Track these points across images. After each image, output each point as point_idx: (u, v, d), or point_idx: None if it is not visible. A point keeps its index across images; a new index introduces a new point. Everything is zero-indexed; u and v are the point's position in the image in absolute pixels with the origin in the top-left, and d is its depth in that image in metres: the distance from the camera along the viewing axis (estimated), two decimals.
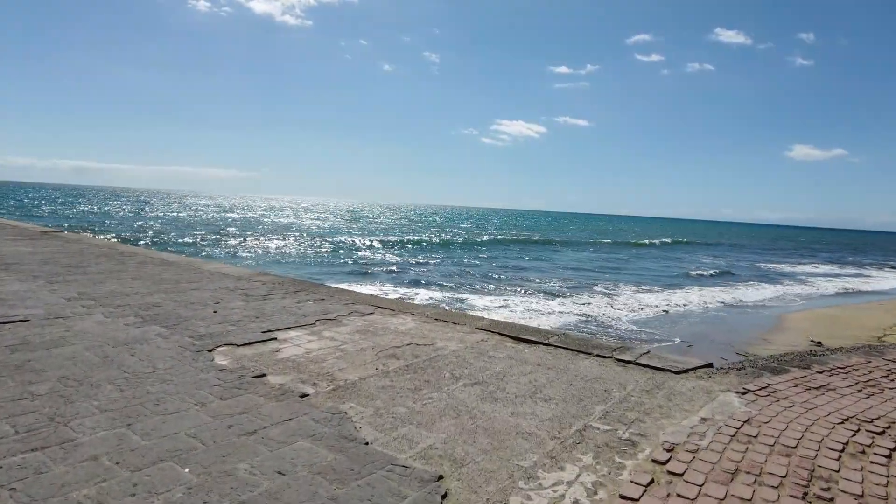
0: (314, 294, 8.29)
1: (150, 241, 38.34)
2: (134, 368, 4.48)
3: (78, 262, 10.23)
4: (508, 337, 6.29)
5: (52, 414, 3.51)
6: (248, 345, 5.39)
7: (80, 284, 7.96)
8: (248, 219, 78.66)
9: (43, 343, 5.02)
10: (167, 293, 7.67)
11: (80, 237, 14.93)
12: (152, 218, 67.33)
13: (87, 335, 5.38)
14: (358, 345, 5.61)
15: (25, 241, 13.33)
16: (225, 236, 45.97)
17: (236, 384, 4.26)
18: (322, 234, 56.33)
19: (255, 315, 6.64)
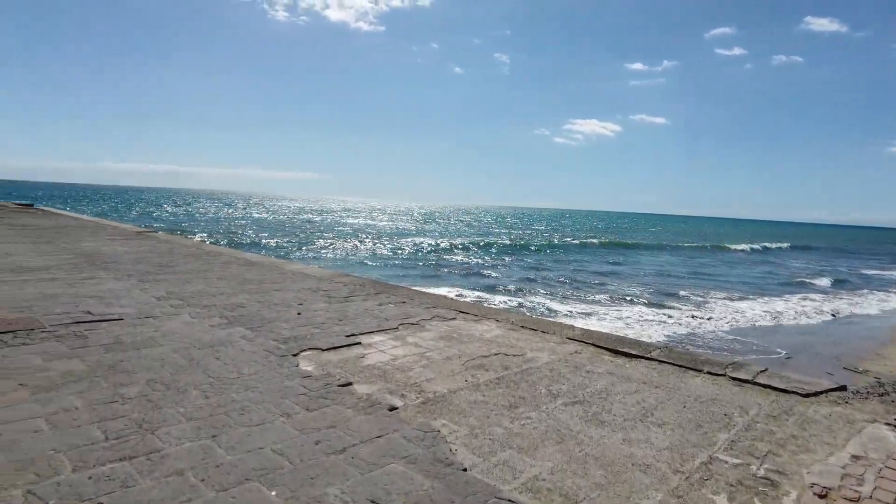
0: (394, 296, 8.08)
1: (234, 241, 40.07)
2: (219, 373, 4.36)
3: (168, 261, 10.57)
4: (604, 349, 5.79)
5: (140, 420, 3.40)
6: (332, 349, 5.20)
7: (169, 284, 8.14)
8: (323, 220, 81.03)
9: (133, 343, 5.03)
10: (251, 294, 7.69)
11: (170, 238, 15.60)
12: (235, 219, 70.56)
13: (175, 336, 5.36)
14: (443, 353, 5.30)
15: (122, 240, 14.02)
16: (303, 237, 47.42)
17: (322, 393, 4.04)
18: (395, 235, 57.06)
19: (338, 318, 6.49)
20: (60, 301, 6.64)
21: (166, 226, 53.12)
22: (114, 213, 72.06)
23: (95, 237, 14.60)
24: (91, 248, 11.95)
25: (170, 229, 45.40)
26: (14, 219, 20.05)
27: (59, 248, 11.90)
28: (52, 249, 11.57)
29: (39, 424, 3.29)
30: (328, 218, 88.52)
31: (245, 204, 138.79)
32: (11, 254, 10.65)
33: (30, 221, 18.92)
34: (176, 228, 49.05)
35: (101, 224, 19.39)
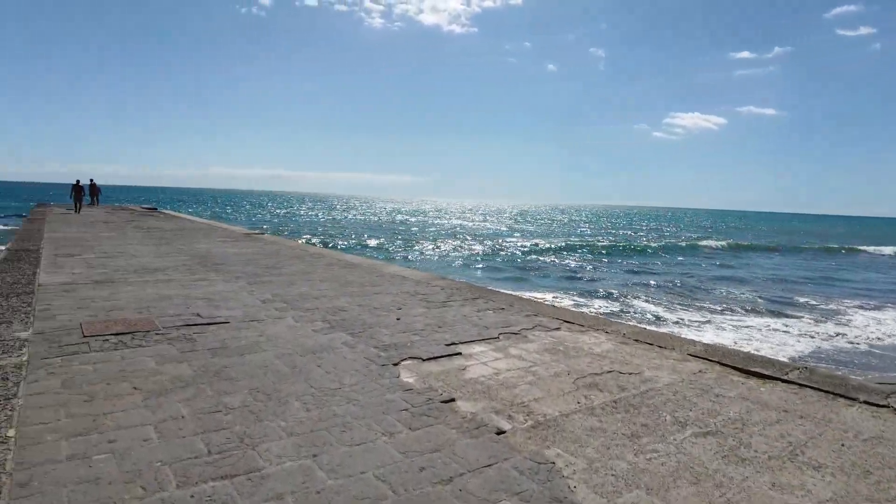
0: (492, 302, 7.77)
1: (335, 242, 41.56)
2: (320, 383, 4.25)
3: (274, 263, 10.91)
4: (733, 368, 5.13)
5: (241, 433, 3.31)
6: (433, 359, 4.97)
7: (275, 286, 8.32)
8: (418, 221, 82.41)
9: (238, 348, 5.07)
10: (352, 297, 7.67)
11: (276, 239, 16.26)
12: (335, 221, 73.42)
13: (278, 341, 5.36)
14: (550, 368, 4.91)
15: (232, 242, 14.76)
16: (399, 238, 48.37)
17: (425, 410, 3.80)
18: (488, 235, 56.84)
19: (437, 324, 6.27)
20: (174, 302, 6.92)
21: (272, 227, 56.16)
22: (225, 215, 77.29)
23: (208, 239, 15.49)
24: (204, 250, 12.64)
25: (276, 231, 47.94)
26: (140, 221, 21.86)
27: (176, 249, 12.68)
28: (170, 251, 12.34)
29: (149, 432, 3.28)
30: (422, 219, 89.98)
31: (345, 206, 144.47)
32: (137, 255, 11.44)
33: (153, 224, 20.53)
34: (282, 230, 51.73)
35: (214, 226, 20.65)
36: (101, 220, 21.69)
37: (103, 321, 5.80)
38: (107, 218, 23.54)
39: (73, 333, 5.32)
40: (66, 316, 6.03)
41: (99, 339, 5.14)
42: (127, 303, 6.81)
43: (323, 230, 54.77)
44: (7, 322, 5.67)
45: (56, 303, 6.67)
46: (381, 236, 49.43)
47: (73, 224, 19.45)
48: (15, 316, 5.94)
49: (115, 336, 5.26)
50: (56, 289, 7.54)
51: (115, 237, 15.21)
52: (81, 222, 20.60)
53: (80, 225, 19.19)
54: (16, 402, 3.65)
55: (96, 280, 8.30)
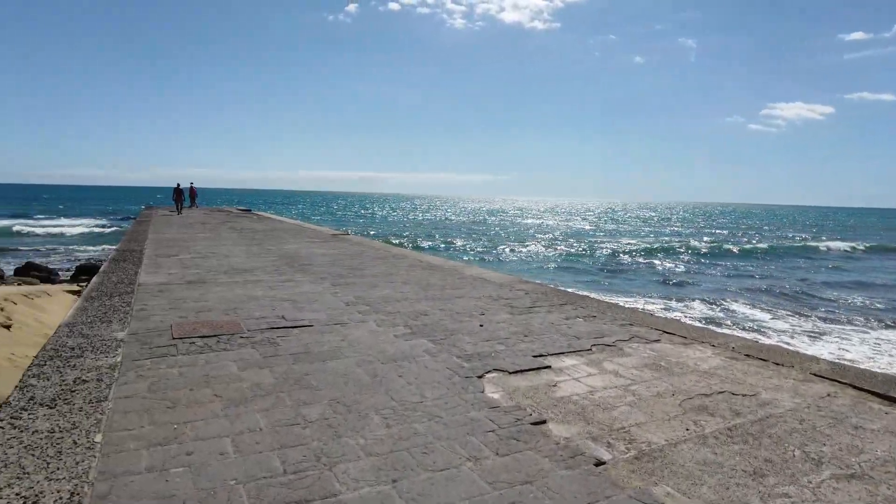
0: (581, 308, 7.29)
1: (417, 243, 41.95)
2: (401, 395, 4.02)
3: (358, 264, 10.94)
4: (871, 393, 4.42)
5: (319, 451, 3.13)
6: (519, 373, 4.62)
7: (358, 288, 8.26)
8: (501, 221, 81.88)
9: (321, 354, 4.95)
10: (434, 300, 7.46)
11: (360, 240, 16.46)
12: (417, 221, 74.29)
13: (360, 346, 5.21)
14: (652, 386, 4.42)
15: (319, 243, 15.06)
16: (482, 239, 48.13)
17: (513, 432, 3.46)
18: (572, 235, 55.44)
19: (523, 332, 5.90)
20: (260, 303, 6.99)
21: (357, 228, 57.64)
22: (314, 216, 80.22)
23: (297, 239, 15.90)
24: (292, 251, 12.93)
25: (361, 231, 49.11)
26: (235, 222, 22.93)
27: (266, 249, 13.06)
28: (260, 251, 12.72)
29: (226, 445, 3.17)
30: (503, 219, 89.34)
31: (427, 206, 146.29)
32: (229, 255, 11.86)
33: (247, 225, 21.45)
34: (366, 231, 52.95)
35: (303, 227, 21.29)
36: (198, 222, 22.96)
37: (192, 323, 5.91)
38: (204, 219, 24.91)
39: (164, 335, 5.43)
40: (159, 317, 6.21)
41: (186, 342, 5.20)
42: (216, 303, 6.95)
43: (405, 230, 55.56)
44: (107, 322, 5.90)
45: (151, 303, 6.92)
46: (462, 237, 49.41)
47: (173, 225, 20.69)
48: (115, 315, 6.18)
49: (202, 339, 5.31)
50: (153, 289, 7.85)
51: (210, 238, 15.96)
52: (181, 223, 21.89)
53: (179, 226, 20.37)
54: (106, 405, 3.67)
55: (189, 280, 8.60)
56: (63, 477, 2.78)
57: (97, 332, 5.45)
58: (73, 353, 4.73)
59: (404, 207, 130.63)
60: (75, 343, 5.06)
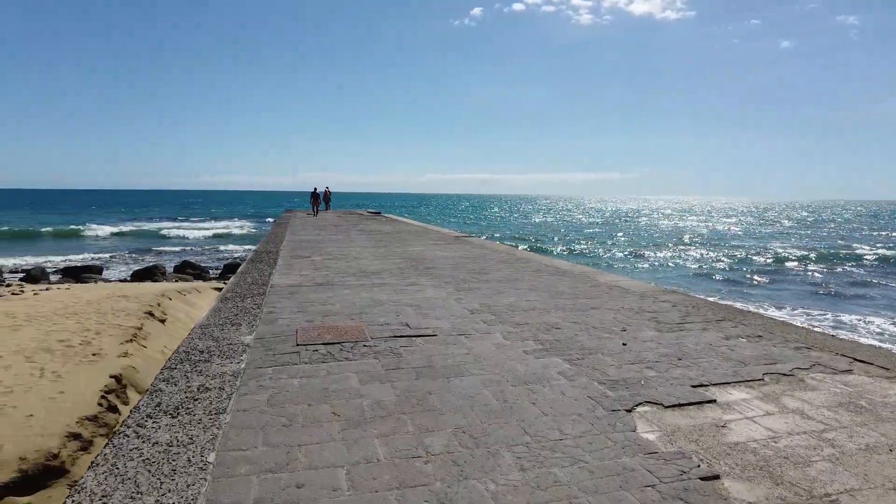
0: (743, 326, 6.23)
1: (541, 245, 40.94)
2: (536, 427, 3.45)
3: (481, 267, 10.50)
4: None
5: (442, 495, 2.66)
6: (677, 407, 3.86)
7: (483, 294, 7.80)
8: (632, 222, 78.05)
9: (444, 369, 4.52)
10: (565, 311, 6.79)
11: (483, 242, 16.08)
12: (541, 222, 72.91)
13: (486, 363, 4.71)
14: (856, 436, 3.46)
15: (442, 245, 14.88)
16: (612, 241, 45.93)
17: (679, 490, 2.76)
18: (716, 238, 51.25)
19: (676, 355, 5.07)
20: (385, 308, 6.76)
21: (480, 230, 57.63)
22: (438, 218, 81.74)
23: (421, 241, 15.87)
24: (416, 253, 12.82)
25: (483, 233, 48.95)
26: (365, 225, 23.62)
27: (392, 252, 13.08)
28: (387, 253, 12.74)
29: (340, 478, 2.81)
30: (634, 219, 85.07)
31: (551, 207, 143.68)
32: (358, 257, 11.99)
33: (376, 227, 21.99)
34: (489, 232, 52.76)
35: (428, 229, 21.39)
36: (332, 224, 23.95)
37: (317, 327, 5.77)
38: (337, 222, 25.98)
39: (288, 341, 5.31)
40: (286, 320, 6.16)
41: (310, 349, 5.02)
42: (342, 307, 6.83)
43: (529, 232, 54.54)
44: (237, 324, 5.94)
45: (280, 304, 6.95)
46: (589, 239, 47.48)
47: (308, 227, 21.72)
48: (245, 318, 6.24)
49: (325, 346, 5.12)
50: (283, 290, 7.96)
51: (341, 240, 16.42)
52: (316, 225, 22.95)
53: (314, 228, 21.33)
54: (223, 418, 3.50)
55: (318, 283, 8.66)
56: (172, 502, 2.56)
57: (226, 336, 5.47)
58: (201, 358, 4.72)
59: (527, 208, 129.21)
60: (205, 346, 5.07)
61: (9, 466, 5.82)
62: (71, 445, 6.30)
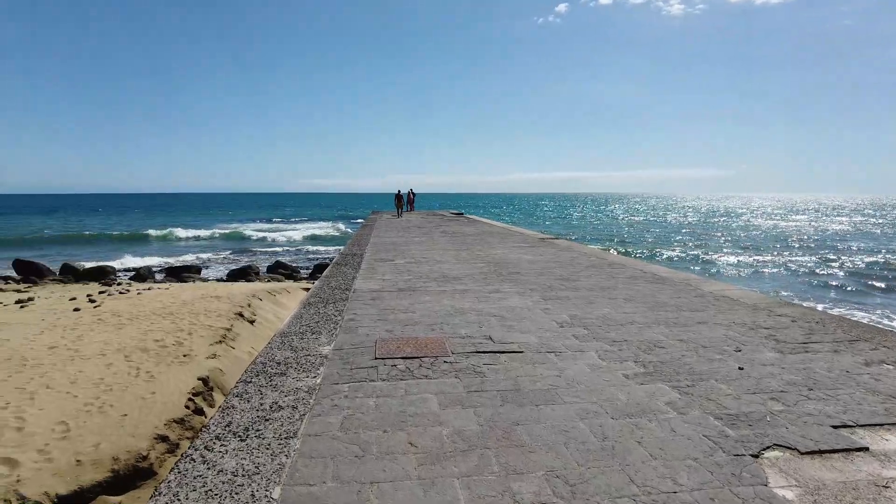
0: (885, 348, 5.30)
1: (633, 248, 39.15)
2: (644, 475, 2.93)
3: (569, 273, 9.90)
4: None
5: None
6: (817, 454, 3.19)
7: (572, 304, 7.24)
8: (731, 223, 73.45)
9: (533, 394, 4.07)
10: (668, 326, 6.11)
11: (570, 245, 15.35)
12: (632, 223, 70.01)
13: (581, 388, 4.21)
14: None
15: (527, 248, 14.33)
16: (711, 244, 43.18)
17: None
18: (828, 240, 47.01)
19: (805, 384, 4.32)
20: (467, 318, 6.38)
21: (567, 230, 56.14)
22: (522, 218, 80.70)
23: (504, 244, 15.40)
24: (500, 256, 12.38)
25: (569, 235, 47.58)
26: (447, 226, 23.45)
27: (475, 255, 12.70)
28: (469, 257, 12.39)
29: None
30: (732, 219, 79.96)
31: (642, 206, 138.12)
32: (440, 261, 11.72)
33: (457, 229, 21.74)
34: (577, 234, 51.28)
35: (511, 230, 20.86)
36: (415, 226, 23.98)
37: (396, 339, 5.48)
38: (420, 223, 26.01)
39: (367, 353, 5.05)
40: (366, 329, 5.93)
41: (388, 364, 4.73)
42: (422, 316, 6.53)
43: (619, 233, 52.32)
44: (317, 333, 5.78)
45: (361, 312, 6.75)
46: (685, 241, 44.85)
47: (392, 229, 21.82)
48: (325, 326, 6.07)
49: (404, 361, 4.80)
50: (366, 296, 7.79)
51: (423, 242, 16.27)
52: (400, 227, 23.04)
53: (398, 230, 21.40)
54: (293, 444, 3.24)
55: (400, 288, 8.43)
56: None
57: (305, 345, 5.30)
58: (277, 370, 4.55)
59: (615, 208, 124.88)
60: (283, 357, 4.91)
61: (103, 466, 5.97)
62: (159, 447, 6.40)
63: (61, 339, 9.95)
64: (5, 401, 7.13)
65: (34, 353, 9.04)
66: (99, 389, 7.54)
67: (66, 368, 8.29)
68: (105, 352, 9.11)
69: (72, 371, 8.18)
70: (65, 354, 8.99)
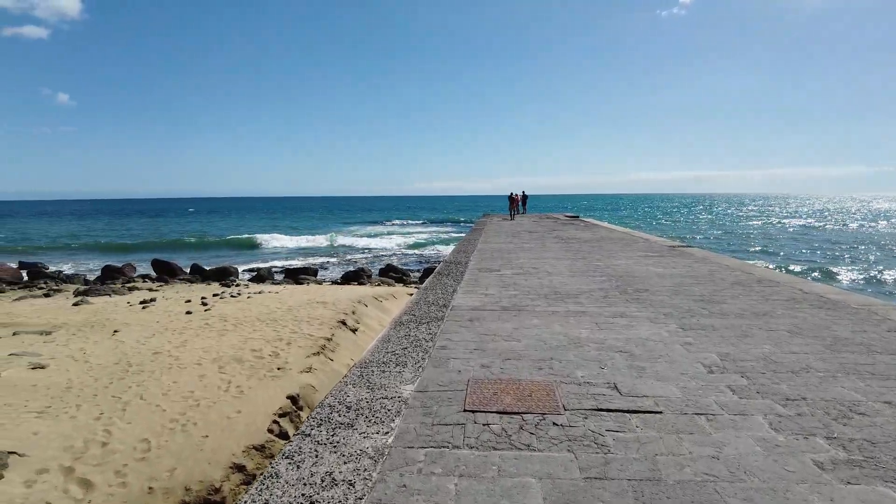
0: None
1: (781, 261, 34.83)
2: None
3: (710, 292, 8.26)
4: None
5: None
6: None
7: (720, 336, 5.76)
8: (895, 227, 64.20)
9: (682, 488, 2.82)
10: (861, 377, 4.51)
11: (706, 255, 13.36)
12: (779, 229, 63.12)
13: (752, 483, 2.89)
14: None
15: (654, 258, 12.63)
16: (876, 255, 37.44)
17: None
18: None
19: None
20: (585, 354, 5.17)
21: (696, 236, 51.74)
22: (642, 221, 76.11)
23: (627, 252, 13.77)
24: (623, 268, 10.87)
25: (701, 242, 43.61)
26: (562, 230, 21.96)
27: (592, 266, 11.29)
28: (586, 268, 11.01)
29: None
30: None
31: (784, 208, 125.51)
32: (551, 272, 10.49)
33: (572, 234, 20.20)
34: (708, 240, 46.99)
35: (632, 236, 18.97)
36: (526, 230, 22.73)
37: (494, 382, 4.41)
38: (532, 227, 24.70)
39: (455, 401, 4.04)
40: (459, 362, 4.93)
41: (479, 422, 3.68)
42: (528, 347, 5.41)
43: (763, 242, 46.60)
44: (402, 365, 4.88)
45: (456, 338, 5.77)
46: (843, 251, 39.21)
47: (501, 234, 20.75)
48: (413, 354, 5.16)
49: (501, 418, 3.73)
50: (464, 315, 6.81)
51: (534, 248, 15.05)
52: (510, 232, 21.91)
53: (507, 235, 20.29)
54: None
55: (504, 306, 7.36)
56: None
57: (385, 382, 4.41)
58: (344, 420, 3.67)
59: (749, 210, 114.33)
60: (355, 398, 4.04)
61: (174, 496, 5.48)
62: (234, 478, 5.83)
63: (167, 344, 9.99)
64: (100, 410, 7.00)
65: (139, 359, 9.06)
66: (187, 404, 7.22)
67: (162, 378, 8.13)
68: (202, 360, 8.92)
69: (167, 381, 7.99)
70: (165, 361, 8.91)
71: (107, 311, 13.58)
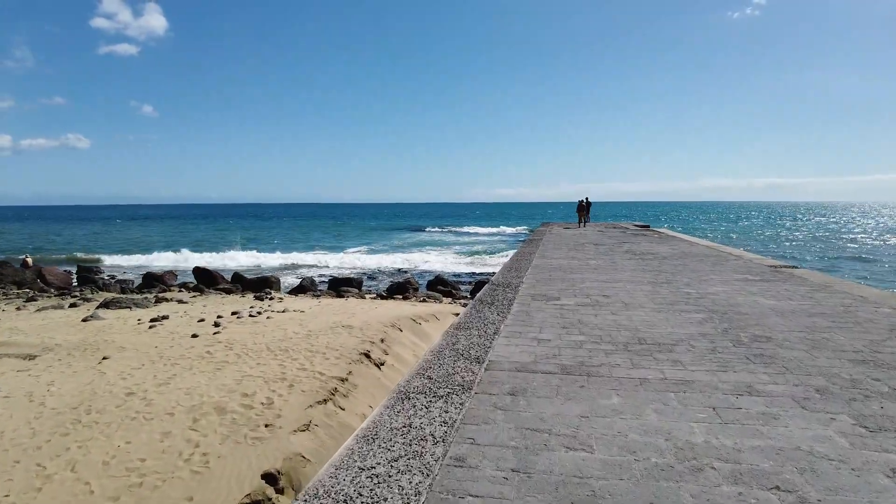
0: None
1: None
2: None
3: (866, 345, 5.66)
4: None
5: None
6: None
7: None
8: None
9: None
10: None
11: (825, 281, 10.47)
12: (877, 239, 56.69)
13: None
14: None
15: (758, 283, 9.93)
16: None
17: None
18: None
19: None
20: (706, 480, 2.83)
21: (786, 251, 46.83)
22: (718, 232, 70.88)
23: (719, 273, 11.08)
24: (723, 299, 8.29)
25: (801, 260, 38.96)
26: (633, 243, 19.21)
27: (682, 294, 8.76)
28: (673, 296, 8.51)
29: None
30: None
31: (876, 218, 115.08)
32: (630, 303, 8.07)
33: (646, 248, 17.45)
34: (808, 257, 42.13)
35: (720, 252, 16.03)
36: (591, 242, 20.11)
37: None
38: (598, 238, 22.03)
39: None
40: (483, 487, 2.72)
41: None
42: (603, 464, 3.14)
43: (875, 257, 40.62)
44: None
45: (485, 437, 3.54)
46: None
47: (562, 246, 18.24)
48: (403, 480, 2.98)
49: None
50: (503, 383, 4.58)
51: (602, 266, 12.57)
52: (572, 243, 19.38)
53: (569, 247, 17.79)
54: None
55: (563, 364, 5.07)
56: None
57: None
58: None
59: (843, 219, 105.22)
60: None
61: None
62: None
63: (150, 380, 8.25)
64: (8, 489, 5.21)
65: (104, 402, 7.33)
66: (127, 482, 5.34)
67: (115, 435, 6.33)
68: (176, 409, 7.08)
69: (118, 440, 6.18)
70: (134, 407, 7.13)
71: (111, 331, 12.15)
